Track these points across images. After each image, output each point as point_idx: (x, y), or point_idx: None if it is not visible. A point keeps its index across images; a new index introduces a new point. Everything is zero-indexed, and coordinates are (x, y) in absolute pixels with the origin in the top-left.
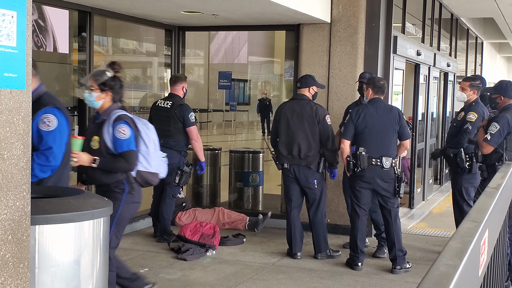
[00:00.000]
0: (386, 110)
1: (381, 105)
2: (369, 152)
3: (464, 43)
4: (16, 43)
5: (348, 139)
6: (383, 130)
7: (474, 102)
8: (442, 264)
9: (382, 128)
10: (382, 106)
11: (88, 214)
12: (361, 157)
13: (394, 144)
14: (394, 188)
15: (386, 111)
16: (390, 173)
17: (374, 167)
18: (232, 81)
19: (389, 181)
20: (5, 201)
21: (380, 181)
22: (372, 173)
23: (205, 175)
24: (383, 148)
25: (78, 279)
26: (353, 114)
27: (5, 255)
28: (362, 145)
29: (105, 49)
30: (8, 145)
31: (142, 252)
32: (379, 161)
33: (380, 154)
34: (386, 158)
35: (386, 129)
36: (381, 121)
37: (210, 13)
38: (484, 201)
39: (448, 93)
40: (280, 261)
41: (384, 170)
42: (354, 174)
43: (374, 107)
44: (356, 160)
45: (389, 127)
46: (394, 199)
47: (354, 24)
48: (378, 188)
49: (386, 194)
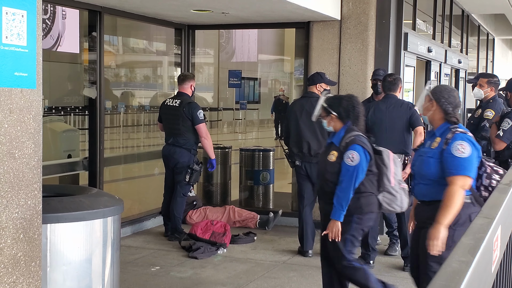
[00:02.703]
0: (396, 105)
1: (392, 101)
2: None
3: (475, 40)
4: (27, 42)
5: None
6: (393, 127)
7: (492, 99)
8: (455, 260)
9: (391, 124)
10: (393, 102)
11: (99, 213)
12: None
13: (405, 141)
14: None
15: (397, 106)
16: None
17: None
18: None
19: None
20: (16, 200)
21: None
22: None
23: (216, 173)
24: (394, 144)
25: (89, 277)
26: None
27: (17, 254)
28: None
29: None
30: (19, 144)
31: (153, 251)
32: None
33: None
34: (398, 155)
35: (396, 125)
36: (391, 117)
37: (220, 11)
38: (496, 198)
39: (459, 89)
40: (291, 259)
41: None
42: None
43: (385, 103)
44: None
45: (400, 123)
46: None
47: (364, 21)
48: None
49: None
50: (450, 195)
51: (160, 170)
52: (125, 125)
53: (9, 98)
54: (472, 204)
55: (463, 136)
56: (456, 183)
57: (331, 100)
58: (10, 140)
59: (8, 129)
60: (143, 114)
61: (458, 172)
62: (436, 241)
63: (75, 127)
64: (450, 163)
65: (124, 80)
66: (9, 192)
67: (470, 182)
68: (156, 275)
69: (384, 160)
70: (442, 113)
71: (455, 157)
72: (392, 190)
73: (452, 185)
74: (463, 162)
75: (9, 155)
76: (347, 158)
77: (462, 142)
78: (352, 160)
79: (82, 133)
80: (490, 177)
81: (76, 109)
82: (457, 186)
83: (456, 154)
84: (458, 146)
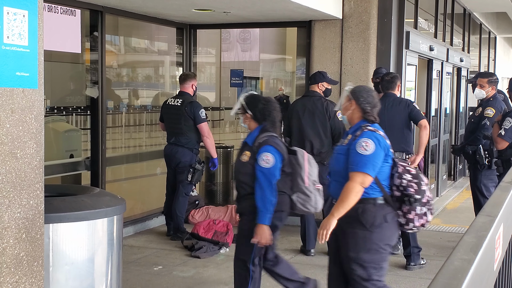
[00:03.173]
0: (395, 103)
1: (391, 99)
2: None
3: (477, 38)
4: (28, 42)
5: None
6: (392, 124)
7: (492, 97)
8: (457, 258)
9: (390, 122)
10: (391, 100)
11: (102, 212)
12: None
13: (406, 139)
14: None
15: (395, 104)
16: None
17: None
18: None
19: None
20: (18, 200)
21: None
22: None
23: (218, 173)
24: (394, 143)
25: (92, 277)
26: None
27: (19, 254)
28: None
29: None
30: (21, 144)
31: (156, 250)
32: None
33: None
34: (398, 153)
35: (396, 123)
36: (389, 115)
37: (221, 10)
38: (498, 196)
39: (461, 88)
40: (293, 258)
41: None
42: None
43: (384, 102)
44: None
45: (399, 121)
46: None
47: (366, 20)
48: None
49: None
50: (347, 189)
51: (162, 169)
52: (127, 124)
53: (11, 98)
54: (386, 204)
55: (370, 134)
56: (355, 179)
57: (249, 98)
58: (12, 140)
59: (10, 129)
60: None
61: (358, 169)
62: (324, 231)
63: (77, 127)
64: (352, 159)
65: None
66: (11, 192)
67: (369, 180)
68: (158, 275)
69: (298, 160)
70: (360, 112)
71: (358, 153)
72: (306, 190)
73: (350, 181)
74: (364, 159)
75: (11, 155)
76: (262, 160)
77: (367, 139)
78: (267, 162)
79: (84, 133)
80: (401, 177)
81: (78, 109)
82: (355, 183)
83: (358, 150)
84: (362, 143)
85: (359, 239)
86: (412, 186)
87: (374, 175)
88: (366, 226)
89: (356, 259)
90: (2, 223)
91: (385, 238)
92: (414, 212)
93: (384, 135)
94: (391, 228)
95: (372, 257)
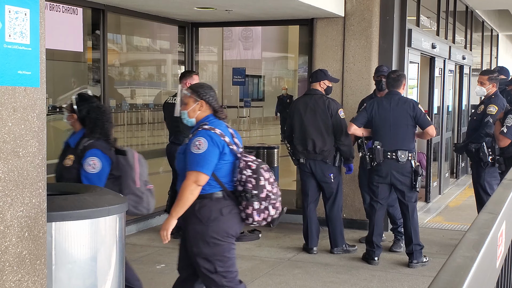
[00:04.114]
0: (400, 102)
1: (396, 98)
2: (384, 146)
3: (479, 36)
4: (30, 40)
5: (356, 124)
6: (397, 123)
7: (494, 94)
8: (459, 256)
9: (395, 121)
10: (396, 99)
11: (104, 211)
12: (377, 151)
13: (409, 137)
14: (411, 181)
15: (400, 103)
16: (407, 166)
17: (390, 161)
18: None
19: (406, 175)
20: (21, 198)
21: (397, 174)
22: (388, 167)
23: None
24: (398, 141)
25: (95, 276)
26: (368, 105)
27: (22, 252)
28: (377, 139)
29: (119, 46)
30: (23, 143)
31: (158, 249)
32: (394, 154)
33: (395, 147)
34: (402, 151)
35: (400, 122)
36: (394, 114)
37: (223, 8)
38: (501, 193)
39: (463, 86)
40: (296, 256)
41: (400, 163)
42: (371, 169)
43: (388, 100)
44: (372, 155)
45: (403, 120)
46: (411, 193)
47: (368, 18)
48: (395, 182)
49: (403, 188)
50: (182, 189)
51: (164, 168)
52: (129, 123)
53: (13, 97)
54: (224, 198)
55: (204, 133)
56: (190, 178)
57: (80, 98)
58: (14, 138)
59: (12, 127)
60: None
61: (192, 168)
62: (164, 232)
63: None
64: (188, 158)
65: (128, 78)
66: (13, 191)
67: (204, 178)
68: (161, 273)
69: (129, 160)
70: (210, 111)
71: (191, 153)
72: (138, 191)
73: (186, 180)
74: (197, 158)
75: (13, 153)
76: (87, 165)
77: (200, 138)
78: (94, 167)
79: None
80: (242, 172)
81: None
82: (189, 181)
83: (192, 150)
84: (196, 143)
85: (197, 234)
86: (250, 182)
87: (210, 173)
88: (202, 221)
89: (199, 254)
90: (4, 221)
91: (221, 230)
92: (252, 207)
93: (220, 133)
94: (228, 221)
95: (213, 250)
